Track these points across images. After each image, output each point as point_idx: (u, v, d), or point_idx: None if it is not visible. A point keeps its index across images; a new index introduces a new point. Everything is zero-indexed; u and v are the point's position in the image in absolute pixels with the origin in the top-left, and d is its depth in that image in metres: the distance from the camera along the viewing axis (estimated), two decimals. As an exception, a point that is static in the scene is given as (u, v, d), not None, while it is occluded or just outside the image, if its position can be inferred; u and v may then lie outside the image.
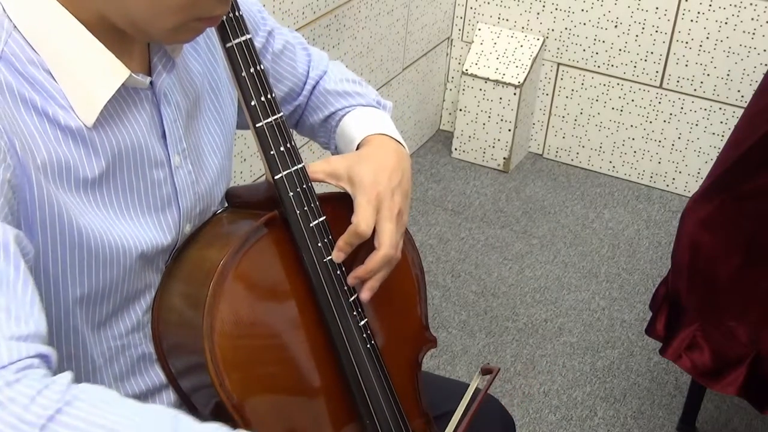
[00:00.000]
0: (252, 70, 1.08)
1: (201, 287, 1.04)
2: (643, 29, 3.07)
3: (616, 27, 3.10)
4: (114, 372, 1.07)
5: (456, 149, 3.33)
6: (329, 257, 1.12)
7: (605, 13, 3.10)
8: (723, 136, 3.07)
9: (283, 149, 1.10)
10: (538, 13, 3.19)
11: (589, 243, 2.96)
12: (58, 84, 0.95)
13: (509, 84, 3.14)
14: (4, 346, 0.81)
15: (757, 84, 2.52)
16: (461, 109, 3.26)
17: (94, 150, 0.98)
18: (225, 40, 1.07)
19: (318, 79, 1.34)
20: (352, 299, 1.15)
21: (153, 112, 1.05)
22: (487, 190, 3.19)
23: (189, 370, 1.09)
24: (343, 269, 1.14)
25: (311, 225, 1.11)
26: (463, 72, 3.21)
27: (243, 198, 1.20)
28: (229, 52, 1.07)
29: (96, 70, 0.97)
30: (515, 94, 3.15)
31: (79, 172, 0.97)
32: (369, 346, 1.16)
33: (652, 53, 3.09)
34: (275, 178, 1.10)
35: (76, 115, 0.96)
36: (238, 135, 1.34)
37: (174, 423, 0.84)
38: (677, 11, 3.00)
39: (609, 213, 3.11)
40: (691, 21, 3.00)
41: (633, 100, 3.18)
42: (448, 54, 3.39)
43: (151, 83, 1.04)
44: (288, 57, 1.30)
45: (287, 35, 1.31)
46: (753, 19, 2.92)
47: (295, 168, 1.11)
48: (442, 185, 3.19)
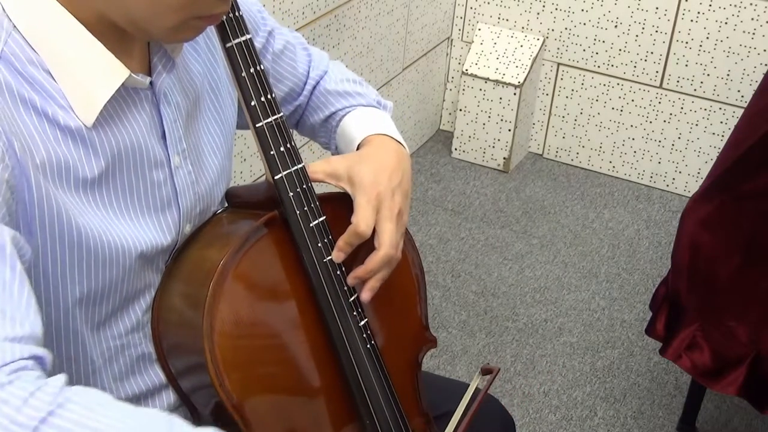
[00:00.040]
0: (252, 70, 1.08)
1: (201, 287, 1.04)
2: (643, 29, 3.07)
3: (616, 27, 3.10)
4: (113, 372, 1.07)
5: (456, 149, 3.33)
6: (329, 257, 1.12)
7: (605, 13, 3.10)
8: (723, 136, 3.07)
9: (283, 149, 1.10)
10: (538, 13, 3.19)
11: (589, 243, 2.96)
12: (57, 84, 0.95)
13: (509, 84, 3.14)
14: None
15: (757, 84, 2.52)
16: (461, 109, 3.26)
17: (93, 150, 0.98)
18: (225, 40, 1.07)
19: (318, 79, 1.34)
20: (352, 299, 1.15)
21: (153, 112, 1.05)
22: (487, 190, 3.19)
23: (189, 370, 1.09)
24: (343, 269, 1.14)
25: (311, 225, 1.11)
26: (463, 72, 3.20)
27: (243, 198, 1.20)
28: (229, 52, 1.07)
29: (96, 70, 0.97)
30: (515, 94, 3.15)
31: (79, 172, 0.97)
32: (369, 346, 1.16)
33: (652, 53, 3.09)
34: (275, 178, 1.10)
35: (75, 115, 0.96)
36: (238, 135, 1.34)
37: (168, 426, 0.83)
38: (677, 11, 3.00)
39: (609, 213, 3.11)
40: (691, 21, 3.00)
41: (633, 100, 3.18)
42: (448, 54, 3.39)
43: (151, 83, 1.04)
44: (288, 57, 1.30)
45: (287, 35, 1.31)
46: (753, 19, 2.92)
47: (295, 168, 1.11)
48: (442, 185, 3.19)
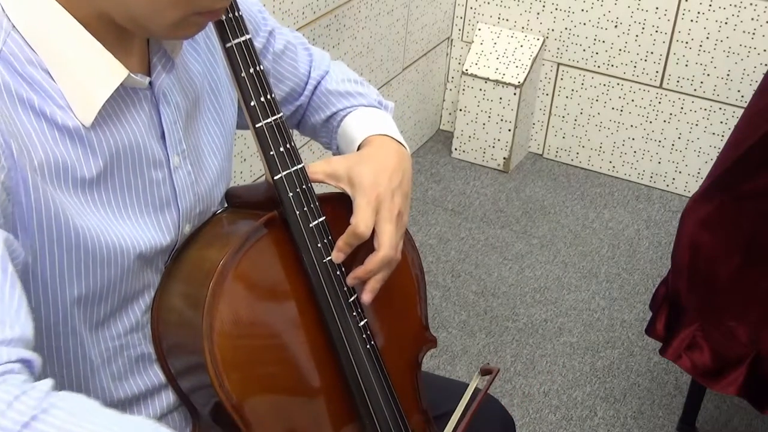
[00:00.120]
0: (252, 70, 1.08)
1: (200, 287, 1.04)
2: (643, 29, 3.07)
3: (616, 27, 3.10)
4: (112, 372, 1.07)
5: (456, 149, 3.33)
6: (329, 257, 1.12)
7: (605, 13, 3.10)
8: (723, 136, 3.07)
9: (283, 150, 1.10)
10: (538, 13, 3.19)
11: (589, 243, 2.96)
12: (56, 84, 0.95)
13: (509, 84, 3.14)
14: None
15: (757, 84, 2.52)
16: (461, 109, 3.26)
17: (91, 150, 0.98)
18: (225, 40, 1.07)
19: (319, 79, 1.34)
20: (351, 299, 1.14)
21: (152, 112, 1.05)
22: (487, 190, 3.19)
23: (188, 370, 1.09)
24: (343, 270, 1.14)
25: (311, 225, 1.11)
26: (463, 72, 3.20)
27: (243, 198, 1.20)
28: (229, 52, 1.07)
29: (94, 69, 0.96)
30: (515, 94, 3.15)
31: (77, 172, 0.96)
32: (369, 346, 1.16)
33: (652, 53, 3.09)
34: (275, 178, 1.10)
35: (74, 115, 0.96)
36: (238, 135, 1.34)
37: None
38: (677, 11, 3.00)
39: (609, 213, 3.11)
40: (691, 21, 3.00)
41: (633, 100, 3.18)
42: (448, 54, 3.39)
43: (151, 83, 1.04)
44: (289, 57, 1.30)
45: (288, 35, 1.31)
46: (753, 19, 2.92)
47: (295, 168, 1.11)
48: (442, 185, 3.19)
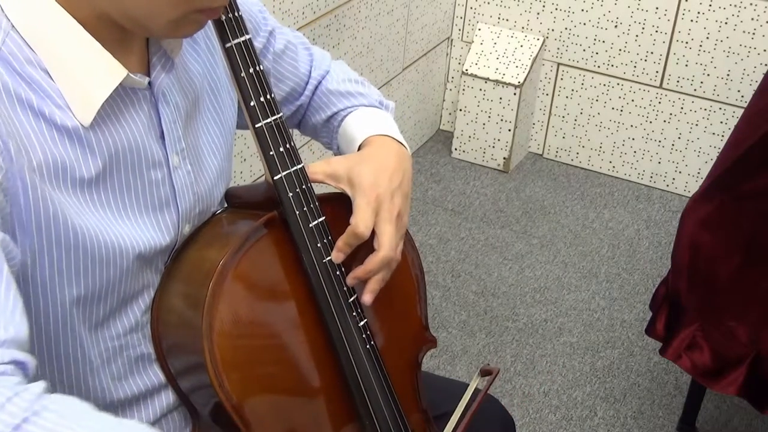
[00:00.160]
0: (251, 70, 1.08)
1: (200, 287, 1.04)
2: (643, 29, 3.07)
3: (616, 27, 3.10)
4: (112, 372, 1.07)
5: (456, 149, 3.32)
6: (328, 258, 1.12)
7: (605, 13, 3.10)
8: (723, 136, 3.07)
9: (283, 150, 1.10)
10: (538, 13, 3.19)
11: (589, 243, 2.96)
12: (55, 83, 0.95)
13: (509, 84, 3.14)
14: None
15: (757, 84, 2.51)
16: (461, 109, 3.26)
17: (90, 150, 0.97)
18: (224, 40, 1.07)
19: (320, 79, 1.34)
20: (351, 300, 1.14)
21: (151, 112, 1.05)
22: (487, 190, 3.19)
23: (188, 370, 1.09)
24: (343, 270, 1.14)
25: (310, 225, 1.11)
26: (463, 72, 3.20)
27: (242, 198, 1.19)
28: (229, 52, 1.07)
29: (93, 69, 0.96)
30: (515, 94, 3.15)
31: (76, 172, 0.96)
32: (369, 346, 1.16)
33: (652, 53, 3.09)
34: (275, 178, 1.10)
35: (73, 115, 0.96)
36: (238, 135, 1.33)
37: None
38: (677, 11, 3.00)
39: (609, 213, 3.11)
40: (691, 21, 2.99)
41: (633, 100, 3.18)
42: (448, 54, 3.39)
43: (150, 83, 1.04)
44: (289, 57, 1.30)
45: (289, 35, 1.31)
46: (753, 19, 2.92)
47: (295, 168, 1.11)
48: (442, 185, 3.19)
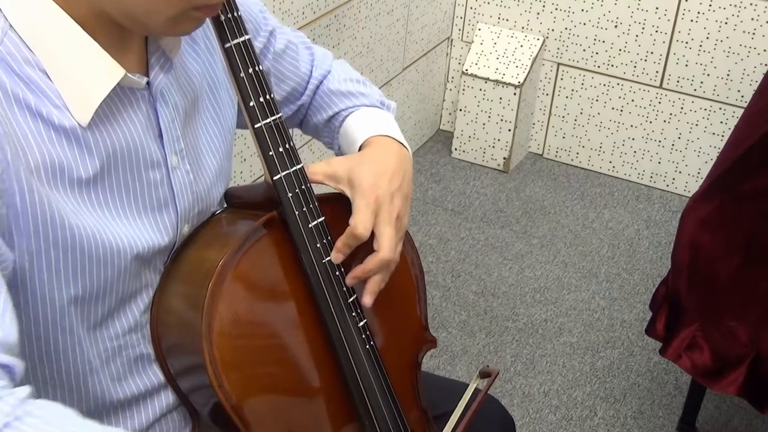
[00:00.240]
0: (251, 70, 1.08)
1: (200, 288, 1.04)
2: (643, 29, 3.07)
3: (616, 27, 3.10)
4: (111, 372, 1.07)
5: (456, 149, 3.32)
6: (328, 258, 1.12)
7: (605, 13, 3.10)
8: (723, 136, 3.07)
9: (282, 150, 1.10)
10: (538, 13, 3.19)
11: (589, 243, 2.96)
12: (53, 83, 0.95)
13: (509, 84, 3.14)
14: None
15: (757, 84, 2.51)
16: (461, 109, 3.26)
17: (88, 150, 0.97)
18: (223, 40, 1.07)
19: (321, 79, 1.34)
20: (351, 300, 1.14)
21: (149, 112, 1.05)
22: (487, 190, 3.19)
23: (188, 370, 1.09)
24: (342, 270, 1.14)
25: (310, 226, 1.11)
26: (463, 72, 3.20)
27: (242, 198, 1.19)
28: (228, 52, 1.07)
29: (91, 69, 0.96)
30: (515, 94, 3.15)
31: (73, 172, 0.96)
32: (368, 346, 1.16)
33: (652, 53, 3.09)
34: (274, 178, 1.10)
35: (71, 115, 0.96)
36: (238, 135, 1.33)
37: None
38: (677, 11, 3.00)
39: (609, 213, 3.11)
40: (691, 21, 2.99)
41: (633, 100, 3.18)
42: (448, 54, 3.38)
43: (148, 83, 1.04)
44: (290, 56, 1.30)
45: (290, 34, 1.31)
46: (753, 19, 2.92)
47: (294, 169, 1.11)
48: (442, 185, 3.19)
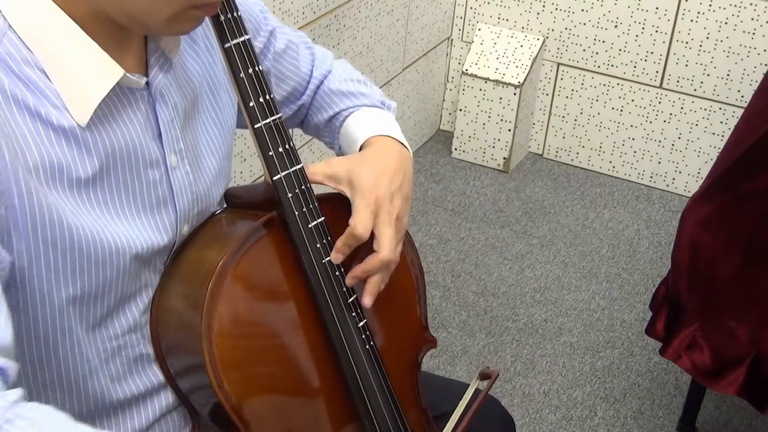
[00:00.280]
0: (250, 71, 1.08)
1: (199, 288, 1.04)
2: (643, 29, 3.07)
3: (616, 27, 3.10)
4: (111, 372, 1.07)
5: (456, 149, 3.32)
6: (328, 258, 1.12)
7: (605, 13, 3.10)
8: (723, 136, 3.07)
9: (282, 150, 1.10)
10: (538, 13, 3.19)
11: (589, 243, 2.96)
12: (52, 83, 0.95)
13: (509, 84, 3.14)
14: None
15: (757, 84, 2.51)
16: (461, 109, 3.26)
17: (87, 150, 0.97)
18: (223, 41, 1.07)
19: (322, 79, 1.34)
20: (351, 300, 1.14)
21: (149, 112, 1.05)
22: (487, 190, 3.19)
23: (187, 370, 1.09)
24: (342, 270, 1.14)
25: (310, 226, 1.11)
26: (463, 72, 3.20)
27: (242, 199, 1.19)
28: (228, 53, 1.07)
29: (90, 69, 0.96)
30: (515, 94, 3.15)
31: (72, 172, 0.96)
32: (368, 346, 1.16)
33: (652, 53, 3.09)
34: (274, 179, 1.10)
35: (69, 115, 0.96)
36: (238, 135, 1.33)
37: None
38: (677, 11, 3.00)
39: (609, 213, 3.11)
40: (691, 21, 2.99)
41: (633, 100, 3.18)
42: (448, 54, 3.38)
43: (147, 83, 1.04)
44: (291, 56, 1.30)
45: (290, 34, 1.31)
46: (753, 19, 2.92)
47: (294, 169, 1.11)
48: (442, 185, 3.19)
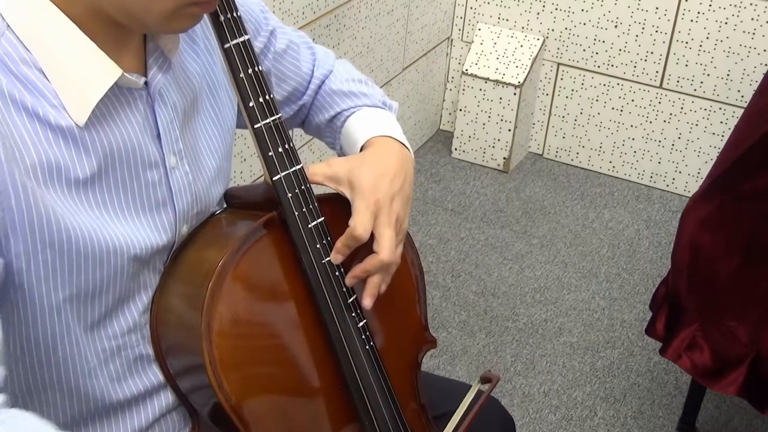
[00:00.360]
0: (250, 71, 1.08)
1: (199, 288, 1.04)
2: (643, 29, 3.07)
3: (616, 27, 3.10)
4: (110, 373, 1.07)
5: (456, 149, 3.32)
6: (327, 258, 1.12)
7: (605, 13, 3.10)
8: (723, 136, 3.07)
9: (282, 150, 1.10)
10: (538, 13, 3.19)
11: (589, 243, 2.96)
12: (50, 83, 0.95)
13: (509, 84, 3.14)
14: None
15: (757, 84, 2.51)
16: (461, 109, 3.26)
17: (85, 150, 0.97)
18: (223, 41, 1.07)
19: (323, 79, 1.34)
20: (350, 300, 1.14)
21: (147, 112, 1.05)
22: (487, 190, 3.19)
23: (187, 370, 1.09)
24: (342, 270, 1.14)
25: (310, 226, 1.11)
26: (463, 72, 3.20)
27: (242, 199, 1.19)
28: (227, 53, 1.07)
29: (88, 69, 0.96)
30: (515, 94, 3.15)
31: (70, 172, 0.96)
32: (368, 347, 1.16)
33: (652, 53, 3.09)
34: (274, 179, 1.10)
35: (68, 115, 0.96)
36: (238, 135, 1.33)
37: None
38: (677, 11, 3.00)
39: (609, 213, 3.11)
40: (691, 21, 2.99)
41: (633, 100, 3.18)
42: (448, 54, 3.38)
43: (146, 83, 1.04)
44: (291, 56, 1.30)
45: (291, 34, 1.31)
46: (753, 19, 2.92)
47: (294, 169, 1.10)
48: (442, 185, 3.19)
